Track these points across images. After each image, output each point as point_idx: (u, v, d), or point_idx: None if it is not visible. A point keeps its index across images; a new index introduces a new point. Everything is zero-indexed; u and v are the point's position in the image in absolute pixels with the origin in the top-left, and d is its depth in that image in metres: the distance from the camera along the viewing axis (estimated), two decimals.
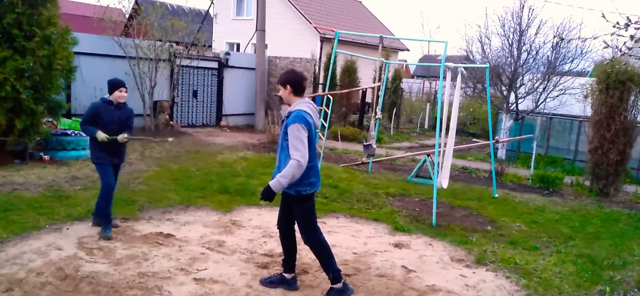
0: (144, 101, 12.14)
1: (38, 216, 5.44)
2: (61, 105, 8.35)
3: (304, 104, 3.84)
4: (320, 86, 16.47)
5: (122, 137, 5.10)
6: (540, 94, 12.83)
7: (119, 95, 5.12)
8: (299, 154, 3.66)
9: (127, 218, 5.71)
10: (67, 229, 5.20)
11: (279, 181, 3.70)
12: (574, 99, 12.80)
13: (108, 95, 5.14)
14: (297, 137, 3.67)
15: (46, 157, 8.08)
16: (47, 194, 6.37)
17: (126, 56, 11.75)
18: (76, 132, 8.72)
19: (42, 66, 7.48)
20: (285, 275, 4.27)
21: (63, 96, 9.07)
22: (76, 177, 7.37)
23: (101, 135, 4.98)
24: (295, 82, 3.85)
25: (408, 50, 26.99)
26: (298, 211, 3.98)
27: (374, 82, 8.16)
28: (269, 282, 4.28)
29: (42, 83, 7.59)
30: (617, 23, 3.01)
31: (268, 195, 3.76)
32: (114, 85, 5.11)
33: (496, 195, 8.44)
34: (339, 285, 4.08)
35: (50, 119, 8.48)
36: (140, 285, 4.08)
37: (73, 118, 9.81)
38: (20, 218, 5.32)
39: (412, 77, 37.31)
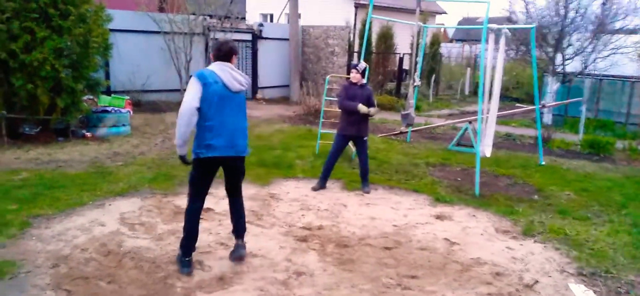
0: (180, 76, 12.23)
1: (81, 193, 5.56)
2: (100, 82, 8.50)
3: (214, 65, 3.86)
4: (355, 54, 16.15)
5: (362, 107, 5.86)
6: (589, 55, 12.14)
7: (352, 76, 6.01)
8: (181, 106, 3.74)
9: (167, 193, 5.76)
10: (110, 205, 5.29)
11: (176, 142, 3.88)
12: (626, 59, 12.07)
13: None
14: (187, 89, 3.75)
15: (88, 134, 8.27)
16: (90, 170, 6.51)
17: (161, 31, 11.81)
18: (116, 108, 8.87)
19: (79, 44, 7.59)
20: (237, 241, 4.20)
21: (102, 74, 9.21)
22: (118, 153, 7.52)
23: (361, 108, 5.85)
24: (214, 48, 3.96)
25: (446, 13, 26.07)
26: (190, 172, 3.98)
27: (412, 48, 7.86)
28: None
29: (79, 61, 7.71)
30: None
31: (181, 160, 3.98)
32: (351, 67, 6.13)
33: (543, 162, 8.08)
34: (183, 257, 3.99)
35: (91, 97, 8.63)
36: None
37: (113, 95, 9.98)
38: (64, 195, 5.45)
39: (451, 41, 36.15)
